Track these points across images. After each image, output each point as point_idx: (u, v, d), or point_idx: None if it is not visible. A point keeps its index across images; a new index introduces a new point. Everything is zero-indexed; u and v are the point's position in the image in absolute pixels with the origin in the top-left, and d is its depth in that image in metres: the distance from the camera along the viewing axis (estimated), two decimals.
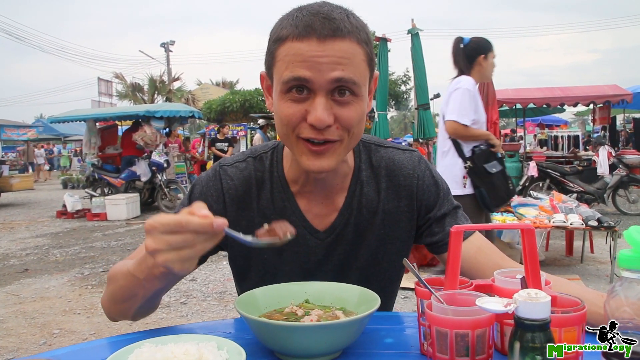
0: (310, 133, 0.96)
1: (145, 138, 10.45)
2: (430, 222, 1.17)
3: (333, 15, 0.93)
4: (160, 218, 0.79)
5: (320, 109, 0.93)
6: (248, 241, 0.87)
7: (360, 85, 0.96)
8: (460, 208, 1.21)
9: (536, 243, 0.80)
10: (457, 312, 0.73)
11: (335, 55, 0.92)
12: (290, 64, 0.93)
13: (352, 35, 0.94)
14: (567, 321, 0.72)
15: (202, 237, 0.80)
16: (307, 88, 0.94)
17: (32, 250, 7.15)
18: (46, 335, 3.87)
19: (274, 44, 0.98)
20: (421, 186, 1.17)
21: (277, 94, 0.99)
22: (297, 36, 0.92)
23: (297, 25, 0.93)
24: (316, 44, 0.91)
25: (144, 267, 0.90)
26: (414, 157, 1.20)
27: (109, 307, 1.10)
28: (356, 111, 0.97)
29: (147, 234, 0.80)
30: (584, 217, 4.97)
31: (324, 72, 0.92)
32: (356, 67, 0.95)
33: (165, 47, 32.29)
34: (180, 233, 0.78)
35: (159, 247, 0.79)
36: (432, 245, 1.18)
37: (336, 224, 1.14)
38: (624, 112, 16.91)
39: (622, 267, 0.62)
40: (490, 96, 9.09)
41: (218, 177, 1.16)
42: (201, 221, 0.78)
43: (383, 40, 8.44)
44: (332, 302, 0.99)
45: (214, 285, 5.12)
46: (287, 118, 0.97)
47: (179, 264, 0.80)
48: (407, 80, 28.52)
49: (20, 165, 21.19)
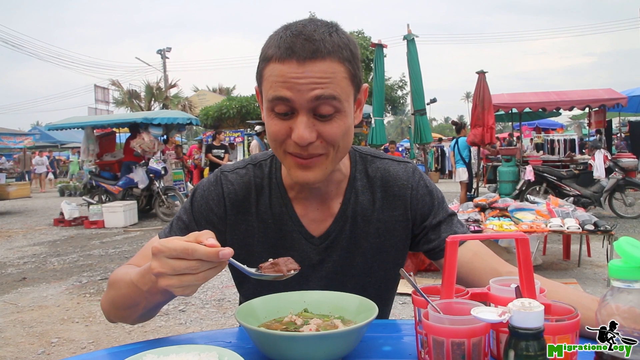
0: (296, 149, 1.01)
1: (143, 145, 10.45)
2: (426, 230, 1.20)
3: (314, 36, 0.96)
4: (168, 242, 0.82)
5: (302, 127, 0.97)
6: (252, 273, 0.89)
7: (341, 100, 0.99)
8: (456, 215, 1.24)
9: (530, 252, 0.82)
10: (453, 321, 0.75)
11: (315, 77, 0.95)
12: (274, 84, 0.97)
13: (332, 55, 0.97)
14: (560, 329, 0.73)
15: (206, 266, 0.82)
16: (290, 107, 0.98)
17: (30, 259, 7.14)
18: (44, 344, 3.86)
19: (262, 63, 1.02)
20: (415, 196, 1.20)
21: (265, 111, 1.03)
22: (279, 58, 0.96)
23: (280, 46, 0.97)
24: (296, 66, 0.95)
25: (147, 279, 0.92)
26: (409, 168, 1.23)
27: (109, 311, 1.13)
28: (339, 127, 1.00)
29: (154, 256, 0.83)
30: (581, 221, 5.00)
31: (304, 92, 0.95)
32: (337, 85, 0.98)
33: (162, 53, 32.32)
34: (186, 260, 0.81)
35: (163, 271, 0.82)
36: (429, 251, 1.21)
37: (331, 230, 1.17)
38: (619, 115, 17.01)
39: (612, 277, 0.64)
40: (486, 101, 9.15)
41: (219, 182, 1.19)
42: (208, 250, 0.81)
43: (379, 46, 8.48)
44: (330, 311, 1.01)
45: (212, 293, 5.12)
46: (274, 134, 1.02)
47: (180, 290, 0.83)
48: (403, 85, 28.62)
49: (17, 173, 21.02)
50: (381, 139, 8.37)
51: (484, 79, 9.18)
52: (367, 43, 20.23)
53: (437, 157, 21.89)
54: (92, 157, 11.50)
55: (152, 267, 0.83)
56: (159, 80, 31.41)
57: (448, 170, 20.72)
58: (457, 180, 10.86)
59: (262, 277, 0.90)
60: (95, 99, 27.58)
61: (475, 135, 9.13)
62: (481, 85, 9.15)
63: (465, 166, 10.55)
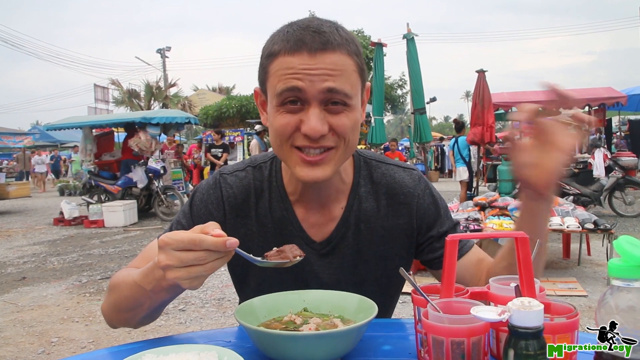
0: (305, 141, 0.98)
1: (139, 144, 10.44)
2: (432, 240, 1.19)
3: (323, 29, 0.96)
4: (174, 235, 0.81)
5: (314, 118, 0.96)
6: (257, 261, 0.89)
7: (352, 95, 0.99)
8: (459, 225, 1.24)
9: (530, 251, 0.82)
10: (453, 320, 0.75)
11: (327, 68, 0.95)
12: (283, 77, 0.96)
13: (342, 48, 0.97)
14: (560, 328, 0.73)
15: (214, 256, 0.82)
16: (301, 100, 0.97)
17: (30, 258, 7.13)
18: (44, 343, 3.86)
19: (266, 60, 1.01)
20: (421, 205, 1.18)
21: (271, 108, 1.01)
22: (289, 50, 0.95)
23: (289, 40, 0.96)
24: (307, 57, 0.94)
25: (151, 278, 0.91)
26: (415, 175, 1.21)
27: (110, 315, 1.12)
28: (350, 119, 1.00)
29: (160, 249, 0.82)
30: (581, 219, 5.00)
31: (316, 83, 0.94)
32: (347, 78, 0.98)
33: (162, 53, 32.34)
34: (193, 251, 0.80)
35: (171, 263, 0.81)
36: (433, 260, 1.20)
37: (333, 236, 1.16)
38: (619, 114, 16.99)
39: (612, 276, 0.64)
40: (486, 100, 9.15)
41: (218, 185, 1.18)
42: (215, 240, 0.80)
43: (379, 45, 8.48)
44: (330, 310, 1.01)
45: (212, 292, 5.12)
46: (282, 128, 0.99)
47: (188, 281, 0.82)
48: (403, 84, 28.57)
49: (16, 172, 20.95)
50: (381, 138, 8.38)
51: (483, 78, 9.18)
52: (367, 42, 20.19)
53: (436, 156, 21.90)
54: (90, 157, 11.48)
55: (159, 260, 0.82)
56: (159, 80, 31.45)
57: (448, 169, 20.72)
58: (457, 179, 10.85)
59: (267, 264, 0.90)
60: (95, 98, 27.57)
61: (475, 134, 9.14)
62: (481, 84, 9.16)
63: (465, 165, 10.55)
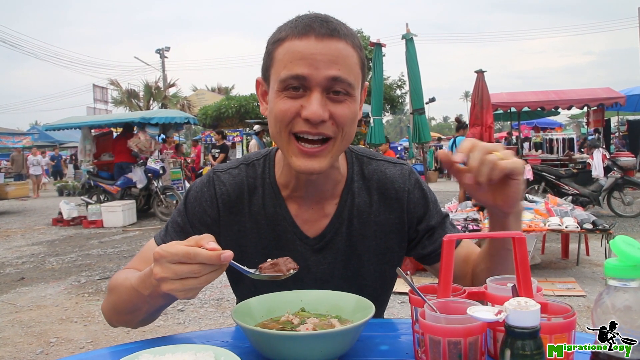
0: (305, 127, 0.99)
1: (139, 145, 10.45)
2: (421, 234, 1.20)
3: (330, 19, 1.01)
4: (169, 247, 0.82)
5: (316, 103, 0.97)
6: (251, 273, 0.90)
7: (354, 86, 1.01)
8: (448, 217, 1.25)
9: (527, 251, 0.82)
10: (449, 320, 0.75)
11: (332, 54, 0.97)
12: (289, 63, 0.98)
13: (348, 39, 1.00)
14: (557, 328, 0.73)
15: (208, 269, 0.83)
16: (304, 86, 0.98)
17: (28, 259, 7.13)
18: (43, 344, 3.86)
19: (272, 45, 1.03)
20: (412, 199, 1.20)
21: (273, 93, 1.02)
22: (297, 35, 0.98)
23: (297, 26, 0.99)
24: (314, 42, 0.97)
25: (148, 284, 0.91)
26: (405, 170, 1.23)
27: (110, 316, 1.13)
28: (350, 110, 1.01)
29: (156, 262, 0.84)
30: (579, 220, 5.01)
31: (321, 69, 0.96)
32: (351, 69, 1.00)
33: (161, 53, 32.31)
34: (188, 264, 0.81)
35: (165, 276, 0.82)
36: (424, 257, 1.21)
37: (326, 232, 1.16)
38: (618, 114, 17.03)
39: (608, 276, 0.64)
40: (485, 100, 9.14)
41: (212, 182, 1.19)
42: (209, 254, 0.81)
43: (378, 45, 8.47)
44: (327, 310, 1.01)
45: (211, 292, 5.12)
46: (282, 113, 1.00)
47: (182, 293, 0.84)
48: (402, 85, 28.55)
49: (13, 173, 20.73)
50: (380, 138, 8.36)
51: (482, 78, 9.18)
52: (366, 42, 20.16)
53: (436, 156, 21.91)
54: (89, 157, 11.48)
55: (154, 272, 0.84)
56: (158, 80, 31.39)
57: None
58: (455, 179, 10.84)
59: (261, 277, 0.90)
60: (94, 98, 27.56)
61: (474, 135, 9.12)
62: (480, 85, 9.15)
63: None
